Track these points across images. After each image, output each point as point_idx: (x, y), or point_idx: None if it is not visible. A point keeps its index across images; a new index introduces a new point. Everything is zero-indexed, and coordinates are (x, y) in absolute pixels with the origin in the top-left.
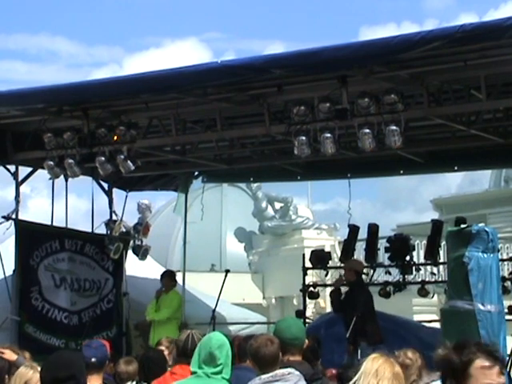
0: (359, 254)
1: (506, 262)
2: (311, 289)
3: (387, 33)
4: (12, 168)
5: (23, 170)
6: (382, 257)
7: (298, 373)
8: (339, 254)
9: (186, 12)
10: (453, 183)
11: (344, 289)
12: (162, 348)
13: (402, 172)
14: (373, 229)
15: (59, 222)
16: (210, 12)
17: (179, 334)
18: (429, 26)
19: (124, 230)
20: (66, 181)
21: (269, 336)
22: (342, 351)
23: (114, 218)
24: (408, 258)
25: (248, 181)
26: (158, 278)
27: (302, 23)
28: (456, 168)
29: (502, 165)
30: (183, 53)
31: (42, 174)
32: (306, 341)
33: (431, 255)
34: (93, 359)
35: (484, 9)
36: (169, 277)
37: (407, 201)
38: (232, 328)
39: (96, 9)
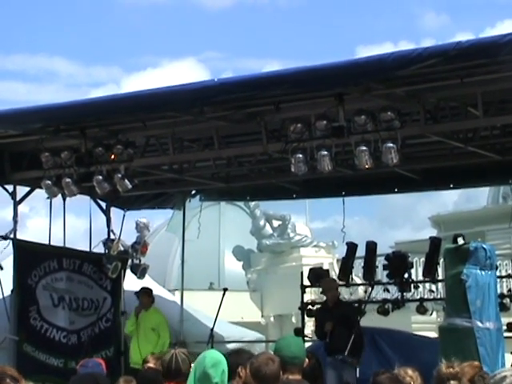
0: (357, 271)
1: (504, 279)
2: (309, 307)
3: (384, 51)
4: (10, 188)
5: (21, 190)
6: (381, 274)
7: None
8: (337, 272)
9: (184, 32)
10: (449, 200)
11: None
12: (150, 365)
13: (396, 190)
14: (371, 246)
15: (58, 242)
16: (207, 31)
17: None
18: (425, 45)
19: (122, 248)
20: (64, 200)
21: (269, 355)
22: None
23: (112, 236)
24: (406, 275)
25: (245, 199)
26: (157, 297)
27: (299, 42)
28: (451, 185)
29: (499, 182)
30: (181, 72)
31: (40, 194)
32: (306, 359)
33: (429, 272)
34: None
35: (480, 27)
36: (146, 294)
37: (404, 218)
38: (230, 346)
39: (94, 29)
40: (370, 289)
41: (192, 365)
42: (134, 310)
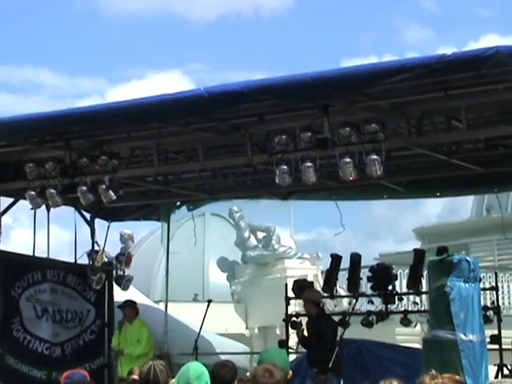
0: (342, 283)
1: (487, 292)
2: (294, 319)
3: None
4: None
5: (5, 201)
6: (365, 286)
7: None
8: (322, 284)
9: (169, 44)
10: (432, 213)
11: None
12: (135, 377)
13: (385, 196)
14: (355, 258)
15: (42, 253)
16: (192, 44)
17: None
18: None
19: (106, 260)
20: (48, 211)
21: (268, 366)
22: None
23: (96, 248)
24: (390, 287)
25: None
26: (141, 308)
27: (284, 55)
28: (438, 194)
29: (484, 191)
30: (166, 84)
31: (24, 205)
32: (290, 372)
33: (413, 285)
34: None
35: (463, 41)
36: (131, 307)
37: (387, 230)
38: (215, 358)
39: (80, 41)
40: (355, 301)
41: (172, 377)
42: (117, 323)
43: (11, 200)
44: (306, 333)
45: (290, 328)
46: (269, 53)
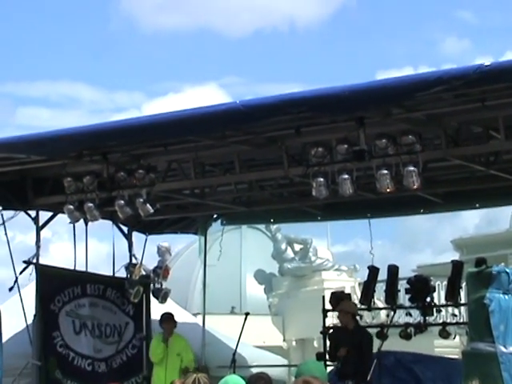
0: (379, 295)
1: None
2: (331, 331)
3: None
4: (33, 213)
5: (44, 215)
6: (403, 298)
7: None
8: (359, 296)
9: (204, 58)
10: (470, 224)
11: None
12: None
13: (422, 211)
14: (393, 270)
15: (80, 266)
16: (228, 58)
17: (184, 378)
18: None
19: (144, 273)
20: (86, 225)
21: (306, 378)
22: None
23: (134, 261)
24: (429, 299)
25: (268, 222)
26: (179, 321)
27: (319, 68)
28: (477, 205)
29: None
30: (202, 97)
31: (63, 219)
32: None
33: (452, 296)
34: None
35: (501, 51)
36: (171, 319)
37: (425, 242)
38: (253, 371)
39: (117, 56)
40: (392, 313)
41: None
42: (158, 336)
43: (50, 214)
44: (329, 343)
45: (327, 340)
46: (304, 66)
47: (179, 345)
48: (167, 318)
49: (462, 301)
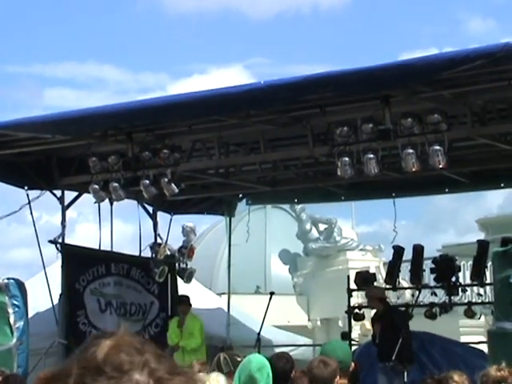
0: (404, 274)
1: None
2: (356, 310)
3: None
4: (58, 193)
5: (69, 195)
6: (428, 278)
7: None
8: (384, 276)
9: (229, 40)
10: (494, 204)
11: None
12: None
13: (447, 190)
14: (418, 250)
15: (105, 246)
16: (252, 39)
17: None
18: None
19: (169, 253)
20: (111, 204)
21: (323, 358)
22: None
23: (159, 241)
24: (454, 278)
25: (292, 202)
26: (204, 300)
27: (344, 49)
28: (502, 185)
29: None
30: (228, 78)
31: (88, 199)
32: (353, 364)
33: (477, 276)
34: None
35: None
36: (186, 303)
37: (448, 222)
38: (277, 351)
39: (143, 37)
40: (418, 292)
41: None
42: (174, 321)
43: (75, 194)
44: (369, 326)
45: (352, 320)
46: (328, 48)
47: (193, 326)
48: (182, 300)
49: (488, 280)
